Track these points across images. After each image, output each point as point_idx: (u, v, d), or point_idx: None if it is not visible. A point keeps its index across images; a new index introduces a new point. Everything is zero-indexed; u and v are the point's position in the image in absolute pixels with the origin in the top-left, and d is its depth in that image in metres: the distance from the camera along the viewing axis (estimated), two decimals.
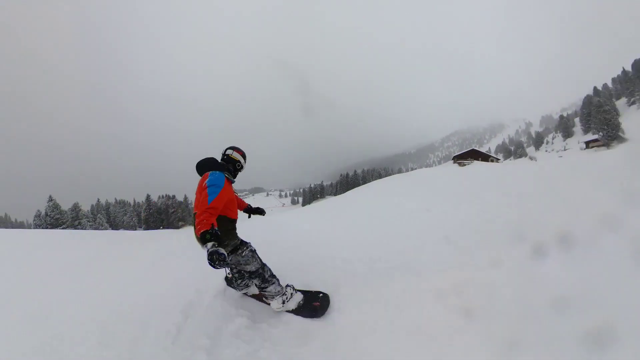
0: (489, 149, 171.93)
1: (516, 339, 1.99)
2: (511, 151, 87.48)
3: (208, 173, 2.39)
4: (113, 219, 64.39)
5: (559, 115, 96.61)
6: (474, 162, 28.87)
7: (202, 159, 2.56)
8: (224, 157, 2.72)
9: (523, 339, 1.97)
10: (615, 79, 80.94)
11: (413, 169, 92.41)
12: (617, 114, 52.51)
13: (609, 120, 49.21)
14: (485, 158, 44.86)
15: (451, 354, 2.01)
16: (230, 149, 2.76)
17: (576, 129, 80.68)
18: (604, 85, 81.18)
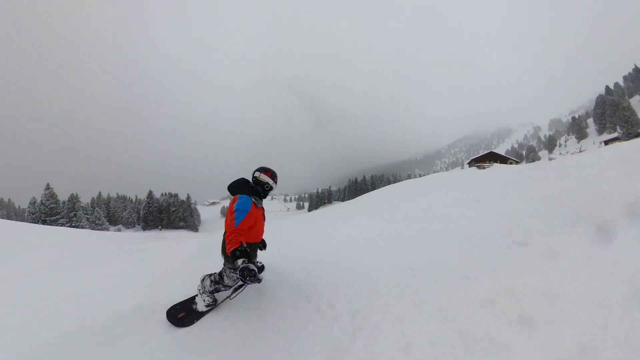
0: None
1: (591, 344, 1.52)
2: (522, 155, 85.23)
3: (237, 196, 2.48)
4: (112, 214, 63.14)
5: (572, 117, 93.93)
6: (493, 165, 27.42)
7: (234, 181, 2.68)
8: (253, 179, 2.73)
9: (599, 345, 1.51)
10: (626, 77, 79.07)
11: (421, 175, 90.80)
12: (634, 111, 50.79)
13: (628, 117, 47.44)
14: (503, 160, 41.28)
15: None
16: (258, 171, 2.74)
17: (590, 130, 78.58)
18: (615, 84, 78.90)
